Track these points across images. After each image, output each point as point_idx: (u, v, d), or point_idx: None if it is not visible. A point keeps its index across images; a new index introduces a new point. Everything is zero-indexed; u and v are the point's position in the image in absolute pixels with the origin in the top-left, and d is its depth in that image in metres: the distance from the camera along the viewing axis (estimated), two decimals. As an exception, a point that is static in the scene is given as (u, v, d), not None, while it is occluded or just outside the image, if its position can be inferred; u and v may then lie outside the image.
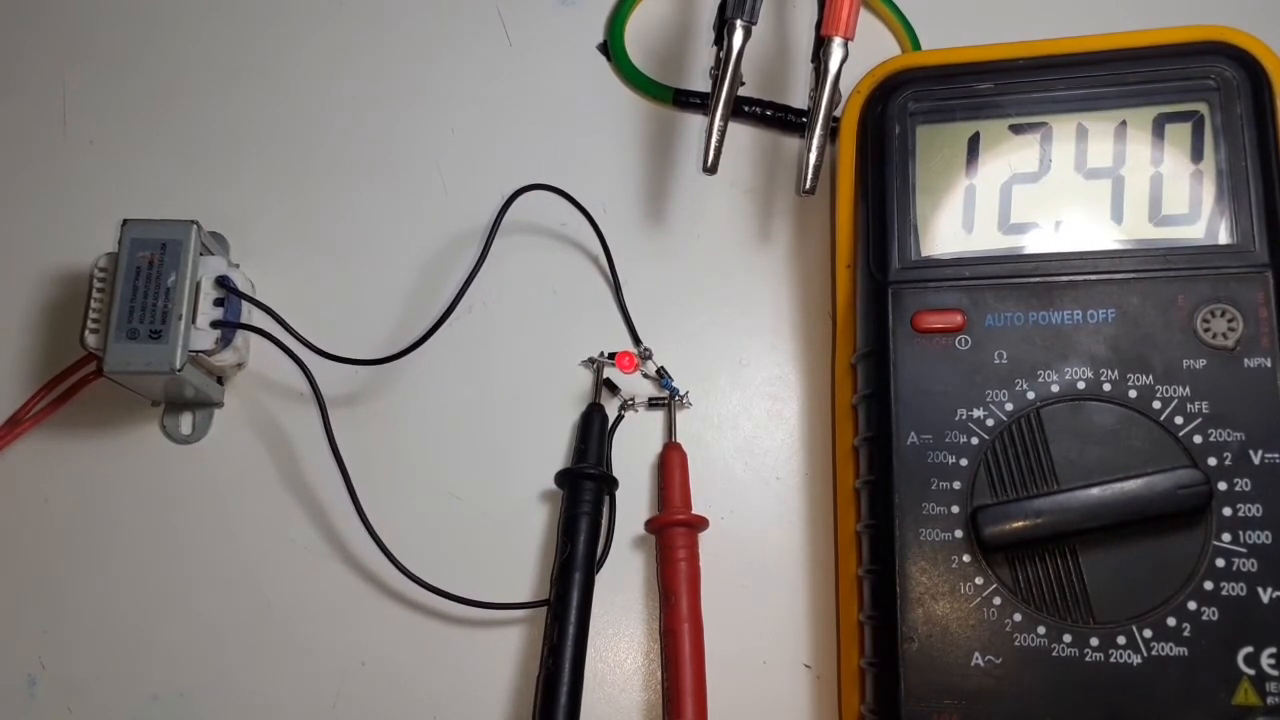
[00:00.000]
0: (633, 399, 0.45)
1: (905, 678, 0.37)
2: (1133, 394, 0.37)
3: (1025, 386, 0.38)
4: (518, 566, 0.43)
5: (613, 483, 0.43)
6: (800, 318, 0.46)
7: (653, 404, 0.45)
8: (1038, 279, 0.39)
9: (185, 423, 0.46)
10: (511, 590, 0.43)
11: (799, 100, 0.48)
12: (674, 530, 0.42)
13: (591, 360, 0.45)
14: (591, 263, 0.47)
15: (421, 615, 0.43)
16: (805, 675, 0.42)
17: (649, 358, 0.45)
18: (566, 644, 0.40)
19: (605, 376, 0.45)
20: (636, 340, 0.46)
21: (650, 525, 0.43)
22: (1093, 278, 0.39)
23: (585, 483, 0.42)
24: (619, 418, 0.45)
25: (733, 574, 0.43)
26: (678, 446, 0.44)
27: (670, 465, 0.44)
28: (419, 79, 0.50)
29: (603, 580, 0.42)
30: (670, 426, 0.45)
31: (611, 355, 0.45)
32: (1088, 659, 0.36)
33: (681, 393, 0.45)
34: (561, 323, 0.46)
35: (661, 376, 0.45)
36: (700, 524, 0.43)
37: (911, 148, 0.42)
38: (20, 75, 0.51)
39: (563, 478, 0.43)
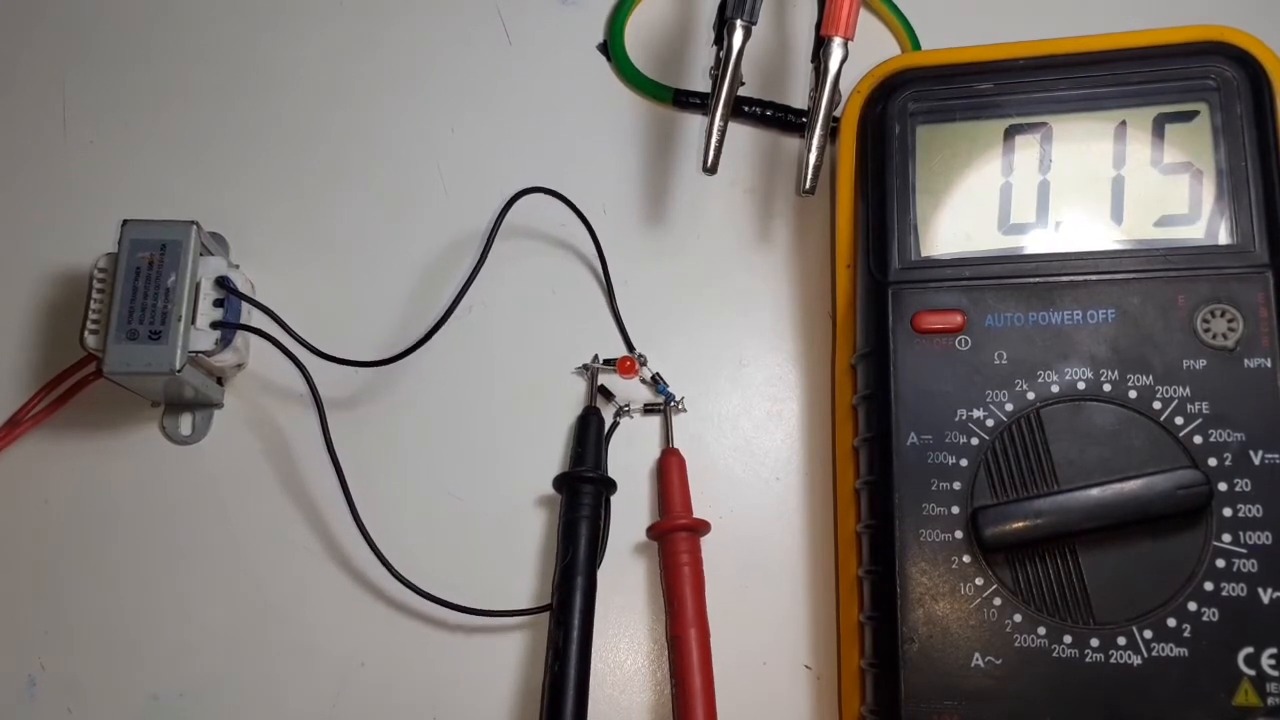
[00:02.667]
0: (628, 405, 0.45)
1: (905, 678, 0.36)
2: (1133, 394, 0.37)
3: (1025, 387, 0.38)
4: (516, 569, 0.43)
5: (611, 485, 0.43)
6: (800, 318, 0.46)
7: (649, 410, 0.45)
8: (1038, 279, 0.39)
9: (185, 423, 0.46)
10: (509, 593, 0.43)
11: (799, 100, 0.48)
12: (676, 536, 0.42)
13: (585, 367, 0.45)
14: (592, 264, 0.47)
15: (421, 616, 0.43)
16: (805, 675, 0.42)
17: (644, 364, 0.45)
18: (571, 648, 0.40)
19: (600, 383, 0.45)
20: (630, 347, 0.45)
21: (652, 531, 0.43)
22: (1093, 278, 0.39)
23: (584, 486, 0.42)
24: (614, 424, 0.45)
25: (733, 574, 0.43)
26: (676, 452, 0.44)
27: (669, 470, 0.43)
28: (419, 79, 0.50)
29: (603, 586, 0.42)
30: (668, 432, 0.45)
31: (609, 361, 0.45)
32: (1088, 660, 0.36)
33: (677, 398, 0.45)
34: (561, 325, 0.46)
35: (657, 383, 0.45)
36: (702, 528, 0.43)
37: (911, 148, 0.42)
38: (20, 75, 0.51)
39: (561, 482, 0.43)
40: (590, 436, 0.44)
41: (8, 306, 0.48)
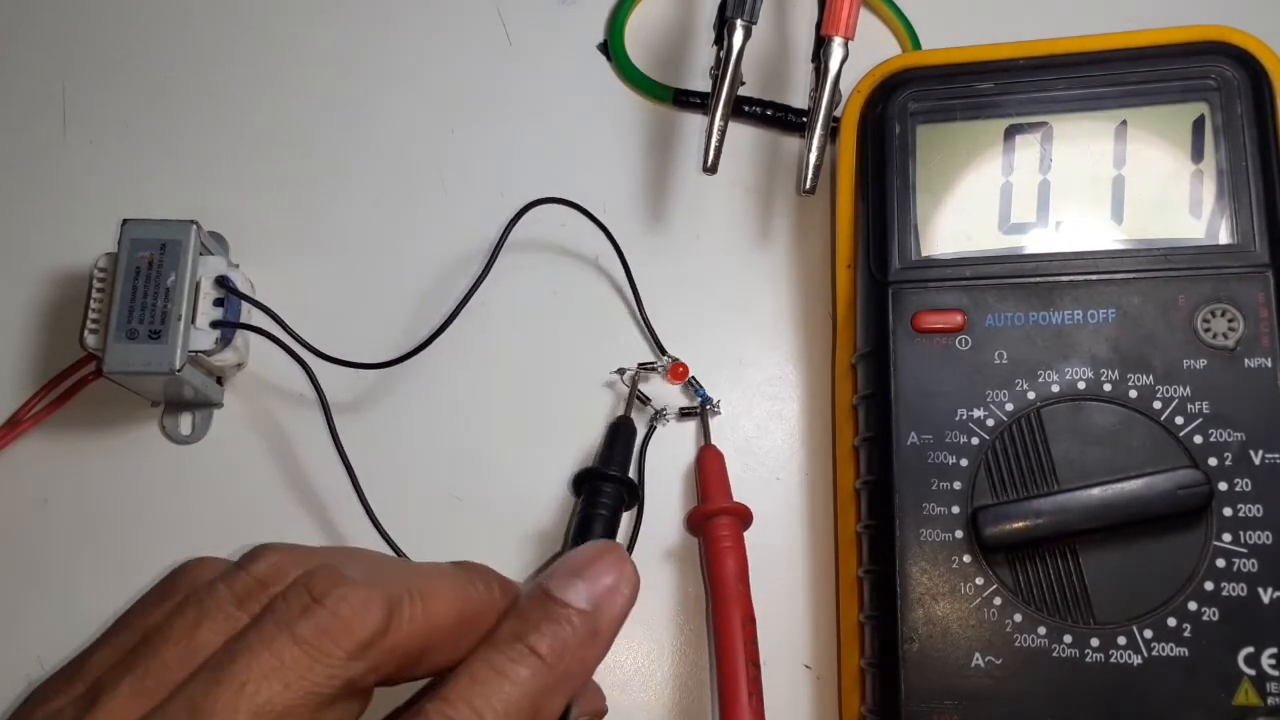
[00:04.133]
0: (664, 409, 0.45)
1: (905, 678, 0.36)
2: (1133, 394, 0.37)
3: (1025, 386, 0.38)
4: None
5: (632, 489, 0.42)
6: (800, 318, 0.46)
7: (684, 414, 0.45)
8: (1038, 279, 0.39)
9: (185, 423, 0.46)
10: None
11: (799, 100, 0.48)
12: (719, 520, 0.41)
13: (621, 370, 0.45)
14: (594, 262, 0.47)
15: (421, 615, 0.43)
16: (805, 675, 0.42)
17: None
18: None
19: (639, 390, 0.44)
20: (661, 351, 0.45)
21: (694, 515, 0.42)
22: (1093, 278, 0.39)
23: (605, 486, 0.42)
24: (651, 429, 0.44)
25: (733, 574, 0.43)
26: (714, 448, 0.44)
27: (709, 463, 0.43)
28: (419, 79, 0.50)
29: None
30: (705, 432, 0.44)
31: (648, 365, 0.45)
32: (1088, 660, 0.36)
33: (714, 400, 0.45)
34: (563, 325, 0.46)
35: (695, 387, 0.45)
36: (748, 516, 0.42)
37: (911, 148, 0.42)
38: (20, 75, 0.51)
39: (583, 478, 0.42)
40: (619, 441, 0.43)
41: (8, 306, 0.48)
